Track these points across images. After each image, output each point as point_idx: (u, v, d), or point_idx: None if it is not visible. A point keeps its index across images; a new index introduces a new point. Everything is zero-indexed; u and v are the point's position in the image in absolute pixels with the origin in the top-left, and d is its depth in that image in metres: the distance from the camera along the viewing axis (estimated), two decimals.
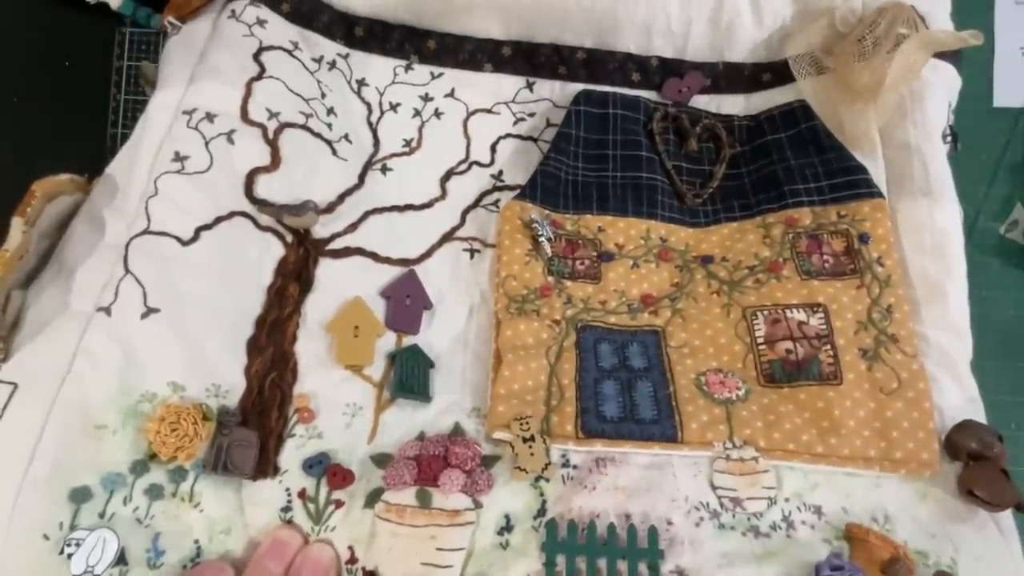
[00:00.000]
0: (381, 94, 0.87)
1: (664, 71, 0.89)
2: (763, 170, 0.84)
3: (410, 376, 0.70)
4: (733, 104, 0.89)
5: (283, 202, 0.75)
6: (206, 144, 0.75)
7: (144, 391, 0.65)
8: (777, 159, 0.83)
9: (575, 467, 0.66)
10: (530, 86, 0.90)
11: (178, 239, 0.71)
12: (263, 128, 0.77)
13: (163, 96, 0.77)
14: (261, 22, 0.83)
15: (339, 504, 0.65)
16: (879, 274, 0.74)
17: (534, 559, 0.60)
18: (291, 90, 0.80)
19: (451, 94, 0.88)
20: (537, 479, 0.65)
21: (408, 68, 0.89)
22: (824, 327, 0.73)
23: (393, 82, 0.88)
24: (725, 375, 0.72)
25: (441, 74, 0.89)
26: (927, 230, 0.76)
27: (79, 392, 0.63)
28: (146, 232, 0.70)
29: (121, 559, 0.58)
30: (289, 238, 0.76)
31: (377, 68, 0.88)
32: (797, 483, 0.66)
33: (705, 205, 0.84)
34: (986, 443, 0.66)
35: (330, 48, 0.87)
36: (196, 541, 0.62)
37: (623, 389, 0.71)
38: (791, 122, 0.84)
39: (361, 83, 0.87)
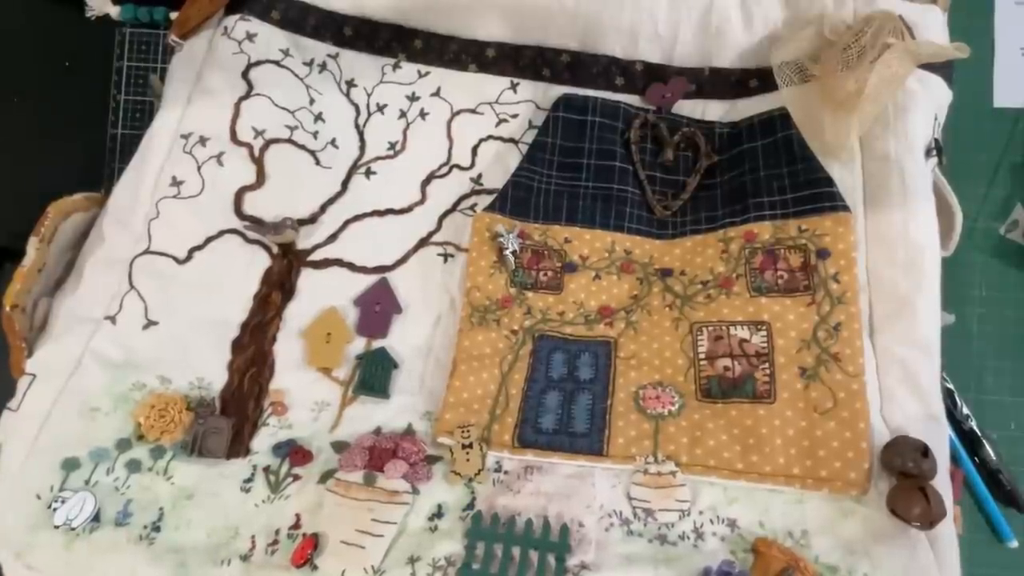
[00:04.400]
0: (369, 95, 0.91)
1: (648, 76, 0.89)
2: (734, 181, 0.84)
3: (372, 376, 0.78)
4: (718, 110, 0.89)
5: (267, 219, 0.83)
6: (198, 168, 0.83)
7: (135, 381, 0.76)
8: (748, 169, 0.83)
9: (506, 472, 0.73)
10: (514, 87, 0.91)
11: (174, 258, 0.80)
12: (250, 147, 0.85)
13: (164, 118, 0.85)
14: (251, 36, 0.88)
15: (296, 478, 0.74)
16: (833, 291, 0.76)
17: (457, 542, 0.68)
18: (277, 105, 0.86)
19: (437, 93, 0.91)
20: (470, 480, 0.72)
21: (396, 67, 0.91)
22: (765, 346, 0.75)
23: (381, 81, 0.91)
24: (662, 389, 0.76)
25: (428, 73, 0.91)
26: (901, 244, 0.76)
27: (83, 383, 0.75)
28: (147, 252, 0.80)
29: (95, 518, 0.70)
30: (275, 249, 0.83)
31: (365, 67, 0.91)
32: (715, 497, 0.70)
33: (675, 217, 0.86)
34: (911, 460, 0.67)
35: (320, 50, 0.91)
36: (161, 508, 0.72)
37: (565, 400, 0.76)
38: (769, 130, 0.84)
39: (350, 84, 0.91)
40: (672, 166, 0.87)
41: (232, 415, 0.76)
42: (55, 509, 0.70)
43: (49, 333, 0.77)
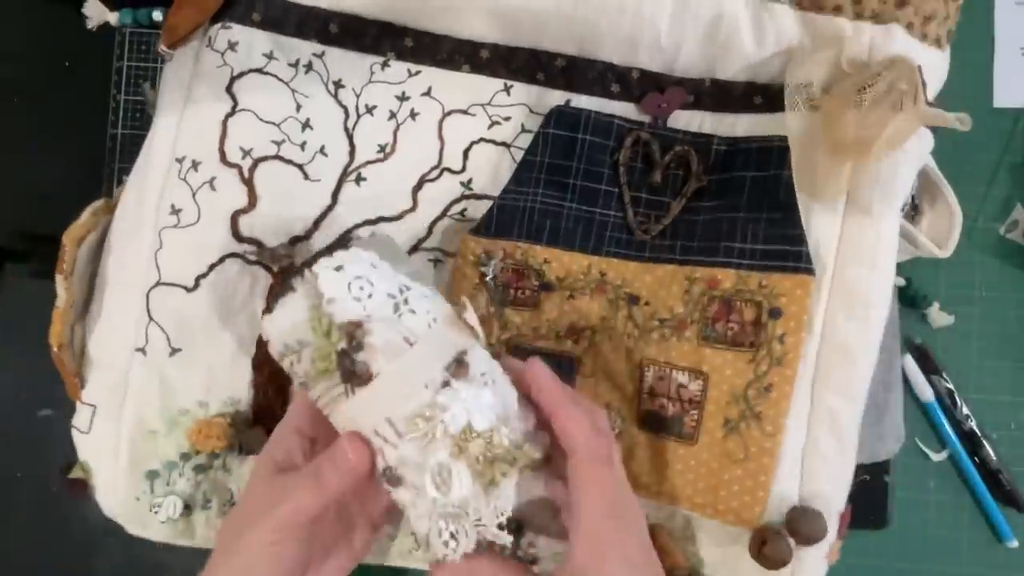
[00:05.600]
0: (358, 96, 0.89)
1: (645, 84, 0.86)
2: (716, 212, 0.85)
3: None
4: (717, 123, 0.86)
5: (265, 239, 0.86)
6: (193, 195, 0.84)
7: (179, 407, 0.87)
8: (731, 205, 0.84)
9: None
10: (507, 89, 0.89)
11: (184, 288, 0.85)
12: (239, 168, 0.85)
13: (158, 137, 0.85)
14: (232, 45, 0.85)
15: None
16: (775, 351, 0.79)
17: None
18: (262, 120, 0.85)
19: (428, 93, 0.89)
20: None
21: (385, 65, 0.89)
22: (699, 395, 0.83)
23: (370, 81, 0.89)
24: (609, 411, 0.85)
25: (418, 72, 0.89)
26: (860, 301, 0.79)
27: (135, 410, 0.86)
28: (159, 283, 0.84)
29: (186, 508, 0.87)
30: (275, 268, 0.87)
31: (353, 66, 0.88)
32: None
33: (655, 239, 0.87)
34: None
35: (306, 49, 0.88)
36: (230, 488, 0.88)
37: None
38: (764, 163, 0.83)
39: (338, 84, 0.88)
40: (660, 187, 0.87)
41: (264, 426, 0.87)
42: (156, 512, 0.86)
43: (90, 364, 0.87)
